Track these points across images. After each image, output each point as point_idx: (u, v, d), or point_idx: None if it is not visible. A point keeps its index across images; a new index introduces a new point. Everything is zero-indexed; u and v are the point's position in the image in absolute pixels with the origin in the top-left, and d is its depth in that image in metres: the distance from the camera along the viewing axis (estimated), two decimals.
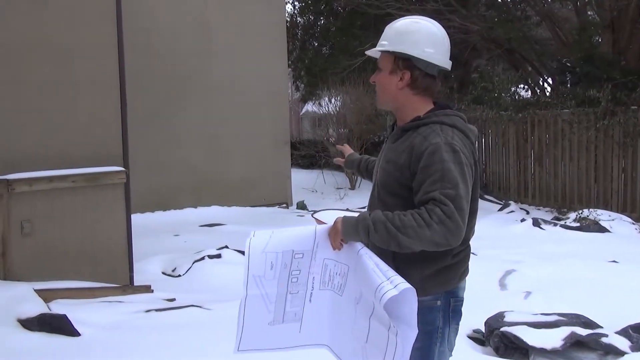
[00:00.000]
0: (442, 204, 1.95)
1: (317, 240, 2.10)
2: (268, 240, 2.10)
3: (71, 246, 5.39)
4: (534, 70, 15.81)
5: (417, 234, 1.94)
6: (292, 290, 2.12)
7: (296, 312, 2.15)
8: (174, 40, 10.98)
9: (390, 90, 2.20)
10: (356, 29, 16.53)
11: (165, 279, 6.43)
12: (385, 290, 1.89)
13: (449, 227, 1.93)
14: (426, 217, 1.94)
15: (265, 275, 2.09)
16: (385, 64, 2.21)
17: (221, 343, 4.09)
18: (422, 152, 2.04)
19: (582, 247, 7.45)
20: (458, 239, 1.97)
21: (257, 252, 2.08)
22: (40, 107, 5.37)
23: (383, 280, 1.92)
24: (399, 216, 1.98)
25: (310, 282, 2.13)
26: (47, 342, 4.04)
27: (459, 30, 13.91)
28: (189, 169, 11.16)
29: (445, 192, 1.96)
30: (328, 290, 2.14)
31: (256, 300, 2.11)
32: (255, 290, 2.10)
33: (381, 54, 2.22)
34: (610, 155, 10.22)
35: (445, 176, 1.99)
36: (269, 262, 2.08)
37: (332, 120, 16.30)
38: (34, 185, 5.16)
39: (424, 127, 2.13)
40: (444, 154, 2.02)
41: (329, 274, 2.12)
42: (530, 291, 5.52)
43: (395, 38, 2.19)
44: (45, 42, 5.39)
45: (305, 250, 2.10)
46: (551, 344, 4.02)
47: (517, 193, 12.03)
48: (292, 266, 2.10)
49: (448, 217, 1.94)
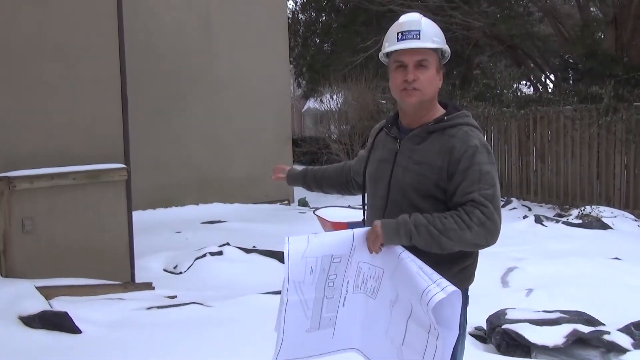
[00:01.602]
0: (481, 205, 1.99)
1: (354, 244, 2.09)
2: (307, 245, 2.06)
3: (72, 243, 5.39)
4: (536, 67, 15.78)
5: (459, 236, 1.98)
6: (328, 295, 2.12)
7: (330, 317, 2.15)
8: (176, 39, 10.97)
9: (435, 87, 2.19)
10: (358, 25, 16.51)
11: (166, 276, 6.43)
12: (433, 294, 1.90)
13: (488, 228, 1.98)
14: (466, 219, 1.98)
15: (305, 281, 2.07)
16: (432, 61, 2.17)
17: (222, 340, 4.10)
18: (462, 154, 2.06)
19: (585, 244, 7.43)
20: (496, 239, 2.02)
21: (297, 258, 2.04)
22: (42, 106, 5.37)
23: (430, 283, 1.93)
24: (440, 219, 2.00)
25: (345, 286, 2.13)
26: (48, 340, 4.04)
27: (461, 27, 13.89)
28: (190, 166, 11.16)
29: (483, 192, 2.01)
30: (361, 294, 2.15)
31: (296, 307, 2.08)
32: (295, 297, 2.07)
33: (426, 50, 2.16)
34: (612, 151, 10.20)
35: (483, 177, 2.03)
36: (308, 267, 2.05)
37: (334, 117, 16.28)
38: (35, 182, 5.16)
39: (453, 129, 2.13)
40: (481, 156, 2.06)
41: (362, 277, 2.12)
42: (532, 288, 5.51)
43: (442, 36, 2.20)
44: (48, 42, 5.39)
45: (343, 254, 2.09)
46: (553, 341, 4.01)
47: (520, 190, 12.02)
48: (329, 271, 2.09)
49: (488, 217, 1.98)
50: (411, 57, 2.14)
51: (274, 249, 6.77)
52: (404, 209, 2.13)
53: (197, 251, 6.83)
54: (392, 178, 2.20)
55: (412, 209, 2.11)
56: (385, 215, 2.19)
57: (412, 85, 2.14)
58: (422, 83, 2.14)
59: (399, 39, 2.16)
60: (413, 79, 2.13)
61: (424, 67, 2.15)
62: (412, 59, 2.14)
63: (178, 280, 6.27)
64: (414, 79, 2.13)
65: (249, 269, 6.51)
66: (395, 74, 2.19)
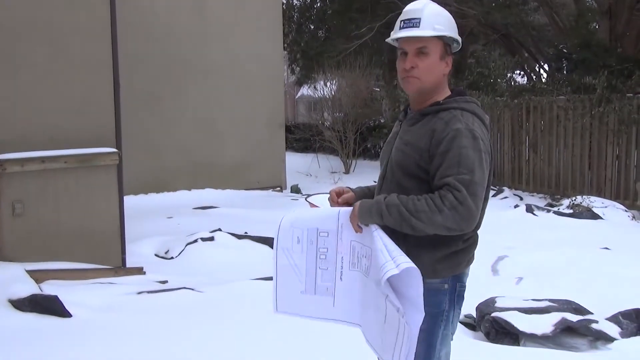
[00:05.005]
0: (455, 190, 1.99)
1: (340, 221, 2.18)
2: (296, 217, 2.27)
3: (63, 227, 5.37)
4: (530, 56, 15.79)
5: (429, 218, 1.98)
6: (321, 266, 2.24)
7: (327, 286, 2.24)
8: (170, 22, 10.88)
9: (438, 75, 2.19)
10: (353, 12, 16.42)
11: (158, 261, 6.42)
12: (387, 269, 1.94)
13: (460, 213, 1.97)
14: (438, 202, 1.99)
15: (293, 248, 2.25)
16: (434, 49, 2.17)
17: (213, 325, 4.11)
18: (443, 137, 2.07)
19: (575, 234, 7.47)
20: (471, 225, 2.01)
21: (286, 227, 2.26)
22: (33, 88, 5.32)
23: (387, 259, 1.97)
24: (413, 200, 2.02)
25: (340, 261, 2.22)
26: (38, 323, 4.03)
27: (456, 15, 13.76)
28: (183, 151, 11.12)
29: (460, 177, 2.00)
30: (357, 272, 2.20)
31: (287, 269, 2.27)
32: (285, 261, 2.27)
33: (426, 37, 2.16)
34: (604, 142, 10.22)
35: (462, 162, 2.02)
36: (295, 237, 2.24)
37: (328, 104, 16.26)
38: (26, 165, 5.13)
39: (445, 112, 2.15)
40: (463, 140, 2.05)
41: (357, 255, 2.18)
42: (521, 277, 5.55)
43: (449, 24, 2.20)
44: (39, 23, 5.33)
45: (330, 229, 2.20)
46: (542, 329, 4.05)
47: (511, 179, 12.05)
48: (318, 243, 2.22)
49: (460, 202, 1.97)
50: (411, 45, 2.17)
51: (266, 235, 6.78)
52: (392, 187, 2.19)
53: (188, 236, 6.82)
54: (389, 158, 2.27)
55: (399, 188, 2.16)
56: (380, 193, 2.24)
57: (411, 73, 2.17)
58: (421, 71, 2.16)
59: (401, 27, 2.20)
60: (411, 67, 2.16)
61: (424, 54, 2.16)
62: (412, 47, 2.17)
63: (169, 265, 6.28)
64: (411, 67, 2.16)
65: (241, 254, 6.52)
66: (399, 61, 2.23)
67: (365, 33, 14.34)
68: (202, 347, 3.74)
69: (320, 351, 3.64)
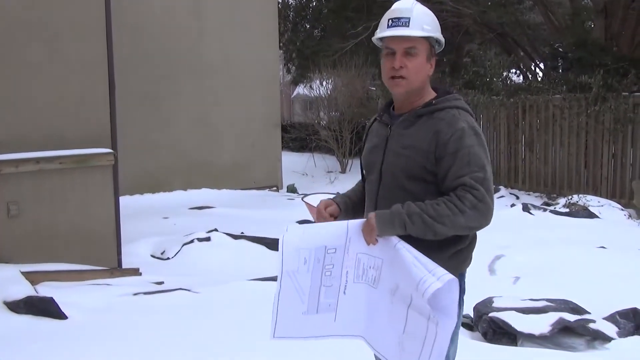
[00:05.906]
0: (472, 189, 2.00)
1: (349, 235, 2.11)
2: (301, 237, 2.12)
3: (59, 228, 5.35)
4: (526, 55, 15.78)
5: (452, 221, 1.99)
6: (326, 284, 2.15)
7: (330, 303, 2.18)
8: (165, 21, 10.84)
9: (424, 76, 2.19)
10: (348, 11, 16.38)
11: (154, 262, 6.40)
12: (429, 284, 1.91)
13: (481, 211, 2.00)
14: (459, 204, 1.99)
15: (299, 270, 2.12)
16: (422, 49, 2.16)
17: (209, 326, 4.09)
18: (449, 138, 2.07)
19: (571, 233, 7.47)
20: (489, 220, 2.04)
21: (291, 250, 2.10)
22: (28, 88, 5.29)
23: (425, 273, 1.95)
24: (432, 206, 2.02)
25: (344, 276, 2.15)
26: (33, 325, 4.01)
27: (452, 14, 13.83)
28: (179, 151, 11.08)
29: (474, 175, 2.02)
30: (362, 284, 2.16)
31: (290, 291, 2.14)
32: (289, 283, 2.13)
33: (415, 38, 2.14)
34: (600, 141, 10.24)
35: (472, 160, 2.04)
36: (302, 258, 2.10)
37: (324, 104, 16.25)
38: (21, 166, 5.10)
39: (442, 112, 2.14)
40: (470, 139, 2.06)
41: (363, 267, 2.14)
42: (518, 276, 5.54)
43: (436, 25, 2.19)
44: (34, 23, 5.30)
45: (338, 245, 2.11)
46: (539, 329, 4.04)
47: (508, 178, 12.06)
48: (325, 261, 2.12)
49: (480, 200, 2.00)
50: (399, 44, 2.15)
51: (262, 235, 6.76)
52: (394, 192, 2.15)
53: (184, 237, 6.80)
54: (383, 163, 2.23)
55: (403, 192, 2.13)
56: (378, 199, 2.22)
57: (399, 72, 2.15)
58: (409, 71, 2.15)
59: (389, 26, 2.17)
60: (400, 66, 2.14)
61: (412, 55, 2.15)
62: (400, 47, 2.15)
63: (165, 266, 6.25)
64: (400, 67, 2.14)
65: (237, 255, 6.50)
66: (385, 61, 2.20)
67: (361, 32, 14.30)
68: (199, 348, 3.73)
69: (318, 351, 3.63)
